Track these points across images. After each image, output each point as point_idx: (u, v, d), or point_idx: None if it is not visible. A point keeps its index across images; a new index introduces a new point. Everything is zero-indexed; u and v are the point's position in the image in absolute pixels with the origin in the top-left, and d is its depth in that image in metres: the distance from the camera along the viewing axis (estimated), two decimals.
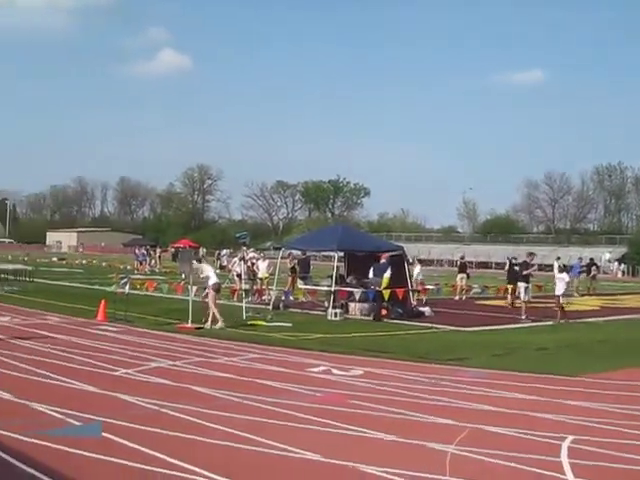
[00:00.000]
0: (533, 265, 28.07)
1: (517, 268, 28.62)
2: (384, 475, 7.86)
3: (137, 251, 60.57)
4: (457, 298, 36.73)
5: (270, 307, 26.78)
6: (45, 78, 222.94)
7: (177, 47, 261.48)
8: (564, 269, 27.14)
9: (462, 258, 42.11)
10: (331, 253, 29.32)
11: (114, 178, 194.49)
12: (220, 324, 21.40)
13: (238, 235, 30.88)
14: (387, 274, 25.72)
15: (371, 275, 25.93)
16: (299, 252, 33.66)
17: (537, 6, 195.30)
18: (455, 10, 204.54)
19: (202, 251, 26.07)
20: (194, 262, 22.74)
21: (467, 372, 14.78)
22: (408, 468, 8.07)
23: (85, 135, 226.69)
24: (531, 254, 28.30)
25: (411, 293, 27.22)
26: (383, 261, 26.61)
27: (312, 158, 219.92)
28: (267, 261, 33.24)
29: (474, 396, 12.44)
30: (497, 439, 9.61)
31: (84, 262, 59.92)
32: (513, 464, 8.41)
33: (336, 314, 24.97)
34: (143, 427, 9.56)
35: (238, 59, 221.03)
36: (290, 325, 22.41)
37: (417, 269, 33.23)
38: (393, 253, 28.20)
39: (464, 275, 38.96)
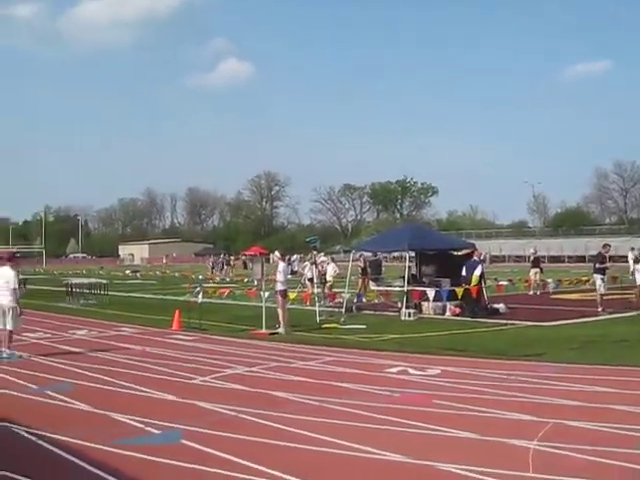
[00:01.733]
0: (608, 257, 27.50)
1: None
2: (468, 474, 7.74)
3: (211, 260, 61.32)
4: (531, 293, 36.28)
5: (343, 310, 26.66)
6: (111, 92, 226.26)
7: (239, 55, 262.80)
8: None
9: (535, 253, 41.60)
10: (402, 253, 29.18)
11: (182, 189, 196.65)
12: (281, 329, 21.41)
13: (308, 240, 30.96)
14: (477, 272, 25.34)
15: (464, 273, 25.58)
16: (370, 254, 33.59)
17: None
18: (516, 4, 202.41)
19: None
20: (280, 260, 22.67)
21: (545, 367, 14.53)
22: (491, 466, 7.93)
23: (152, 147, 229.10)
24: (606, 245, 27.76)
25: (484, 290, 26.87)
26: (475, 259, 26.31)
27: (379, 159, 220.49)
28: (332, 264, 33.04)
29: (554, 391, 12.22)
30: (580, 433, 9.40)
31: (158, 273, 60.23)
32: (597, 458, 8.22)
33: (410, 314, 24.81)
34: (222, 433, 9.57)
35: (300, 63, 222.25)
36: (364, 327, 22.32)
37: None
38: (466, 250, 27.99)
39: (537, 270, 38.49)
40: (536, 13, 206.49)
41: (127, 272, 74.61)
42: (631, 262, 49.42)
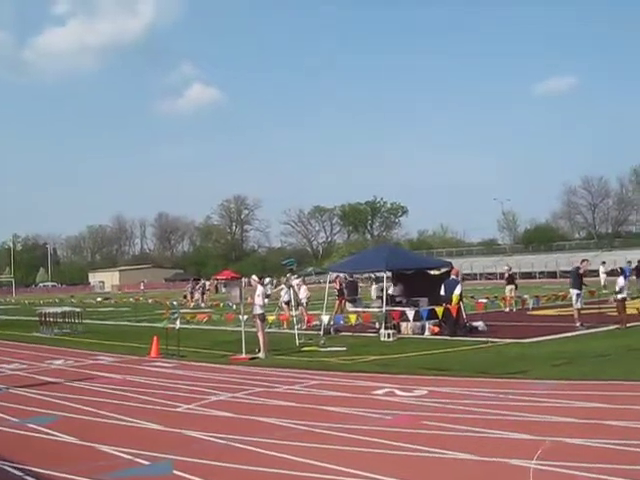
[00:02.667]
0: (585, 272, 27.51)
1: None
2: None
3: (189, 285, 61.34)
4: (507, 310, 36.29)
5: (321, 332, 26.49)
6: (79, 118, 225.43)
7: (205, 81, 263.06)
8: (621, 272, 26.49)
9: (509, 269, 41.78)
10: (379, 274, 29.09)
11: (152, 214, 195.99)
12: (261, 354, 21.21)
13: (285, 262, 30.82)
14: (457, 291, 25.27)
15: (442, 292, 25.47)
16: (345, 275, 33.44)
17: (566, 9, 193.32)
18: (483, 16, 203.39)
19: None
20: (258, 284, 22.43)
21: (531, 384, 14.44)
22: None
23: (120, 174, 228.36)
24: (584, 260, 27.78)
25: (463, 309, 26.80)
26: (453, 277, 26.21)
27: (348, 180, 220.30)
28: (303, 287, 32.76)
29: (544, 408, 12.12)
30: (577, 451, 9.29)
31: (131, 299, 59.84)
32: (601, 476, 8.11)
33: (389, 335, 24.68)
34: (213, 462, 9.37)
35: (266, 86, 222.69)
36: (344, 349, 22.15)
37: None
38: (444, 269, 27.95)
39: (512, 286, 38.60)
40: (504, 29, 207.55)
41: (98, 299, 74.13)
42: (602, 276, 49.81)
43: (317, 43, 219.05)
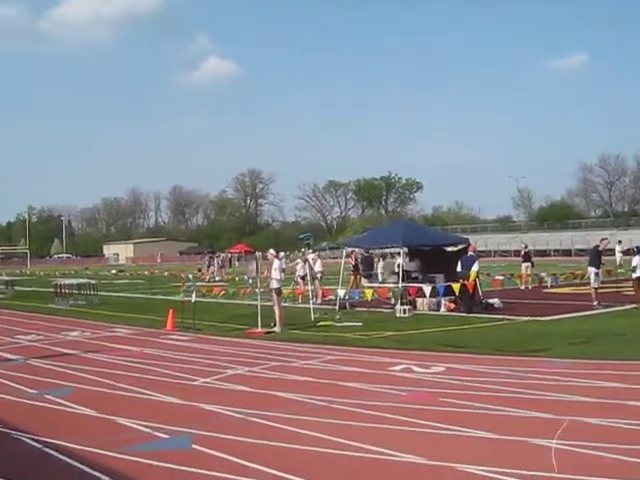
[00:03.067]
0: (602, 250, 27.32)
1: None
2: (492, 475, 7.54)
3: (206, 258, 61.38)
4: (523, 287, 36.18)
5: (337, 307, 26.46)
6: (94, 90, 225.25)
7: (221, 54, 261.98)
8: (637, 251, 26.27)
9: (526, 247, 41.61)
10: (391, 250, 29.05)
11: (166, 187, 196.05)
12: (277, 328, 21.24)
13: (302, 236, 30.65)
14: (475, 267, 25.19)
15: (459, 268, 25.36)
16: (361, 251, 33.36)
17: None
18: None
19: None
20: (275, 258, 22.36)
21: (549, 363, 14.35)
22: (514, 466, 7.74)
23: (135, 146, 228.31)
24: (604, 239, 27.57)
25: (479, 286, 26.73)
26: (471, 253, 26.11)
27: (363, 155, 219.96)
28: (319, 261, 32.70)
29: (563, 387, 12.05)
30: (597, 430, 9.23)
31: (146, 272, 59.89)
32: (623, 457, 8.03)
33: (405, 311, 24.63)
34: (232, 437, 9.35)
35: (283, 60, 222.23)
36: (360, 324, 22.11)
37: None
38: (461, 245, 27.85)
39: (529, 264, 38.47)
40: (520, 6, 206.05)
41: (113, 272, 74.29)
42: (619, 255, 49.62)
43: (332, 18, 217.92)
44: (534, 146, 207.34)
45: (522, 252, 41.10)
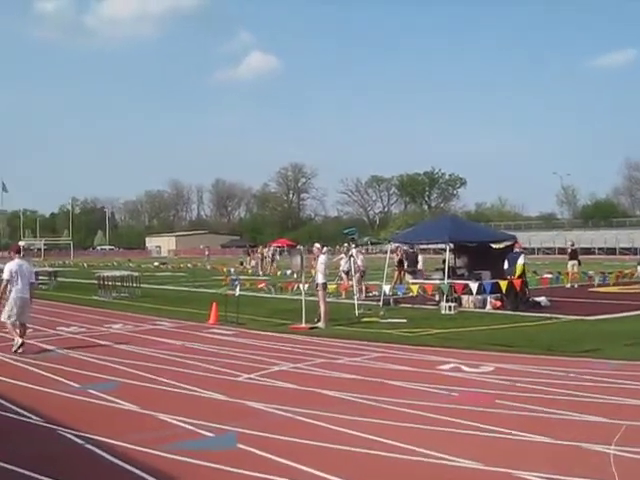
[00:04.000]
0: None
1: None
2: None
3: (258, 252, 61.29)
4: (569, 286, 35.61)
5: (381, 303, 26.16)
6: (139, 85, 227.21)
7: (263, 48, 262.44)
8: None
9: (572, 245, 41.03)
10: (441, 245, 28.69)
11: (209, 180, 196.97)
12: (321, 323, 20.96)
13: (347, 231, 30.37)
14: (520, 261, 24.84)
15: (506, 266, 25.02)
16: (407, 246, 33.00)
17: None
18: None
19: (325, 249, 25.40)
20: (320, 258, 22.11)
21: (602, 364, 13.93)
22: (574, 474, 7.41)
23: (178, 140, 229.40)
24: None
25: (526, 283, 26.28)
26: (517, 250, 25.82)
27: (406, 150, 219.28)
28: (360, 256, 32.42)
29: (617, 389, 11.66)
30: None
31: (189, 265, 59.84)
32: None
33: (450, 308, 24.25)
34: (278, 436, 9.08)
35: (325, 54, 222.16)
36: (405, 321, 21.78)
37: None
38: (507, 242, 27.45)
39: (575, 262, 37.88)
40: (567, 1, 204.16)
41: (156, 264, 74.45)
42: None
43: (375, 12, 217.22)
44: (580, 143, 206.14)
45: (569, 250, 40.41)
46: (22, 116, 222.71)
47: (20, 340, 16.57)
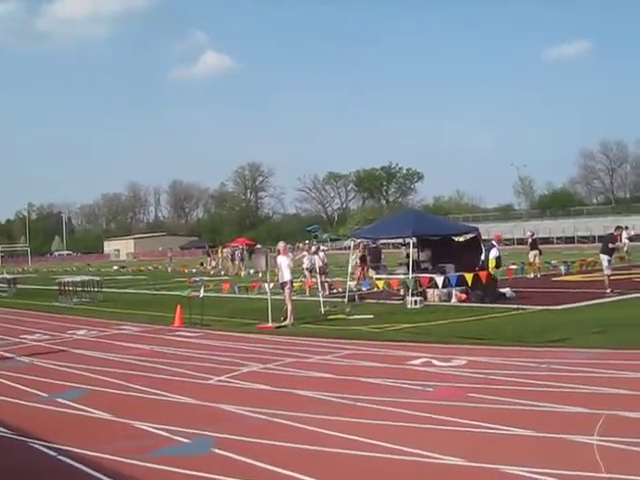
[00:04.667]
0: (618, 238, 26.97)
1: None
2: (539, 477, 7.11)
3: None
4: (532, 276, 35.70)
5: (346, 300, 26.06)
6: (92, 87, 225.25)
7: (217, 48, 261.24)
8: None
9: (532, 235, 41.18)
10: (401, 240, 28.67)
11: (166, 182, 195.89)
12: (288, 322, 20.82)
13: (310, 228, 30.29)
14: (493, 254, 24.87)
15: (483, 257, 25.07)
16: (368, 241, 32.93)
17: None
18: None
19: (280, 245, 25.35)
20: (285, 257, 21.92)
21: (574, 354, 13.94)
22: (560, 467, 7.32)
23: (134, 142, 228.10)
24: (619, 227, 27.19)
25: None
26: (493, 242, 25.84)
27: (362, 146, 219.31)
28: (321, 254, 32.39)
29: (592, 379, 11.61)
30: (638, 425, 8.81)
31: (150, 268, 59.33)
32: None
33: (416, 302, 24.19)
34: (255, 439, 8.91)
35: (279, 52, 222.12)
36: (371, 317, 21.69)
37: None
38: (470, 235, 27.47)
39: (536, 252, 38.03)
40: None
41: (115, 268, 73.85)
42: (625, 242, 49.31)
43: (327, 8, 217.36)
44: (535, 134, 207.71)
45: (529, 240, 40.54)
46: None
47: None
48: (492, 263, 24.64)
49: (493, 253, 24.92)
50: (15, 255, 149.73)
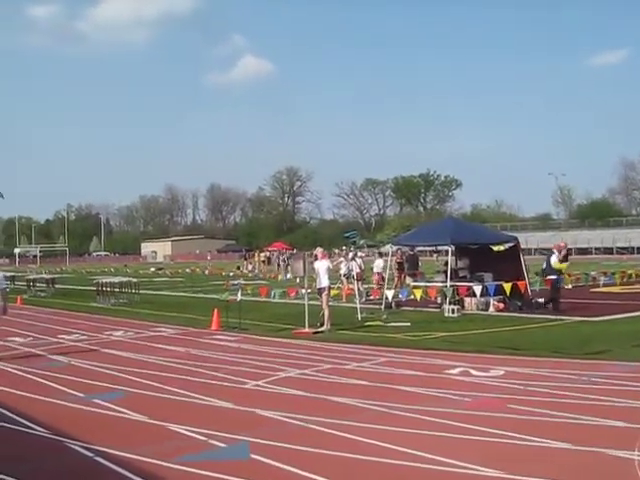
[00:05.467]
0: None
1: None
2: None
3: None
4: (570, 287, 35.36)
5: (382, 307, 25.95)
6: (132, 90, 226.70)
7: (257, 53, 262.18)
8: None
9: (566, 246, 40.81)
10: (443, 247, 28.51)
11: (204, 185, 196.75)
12: (325, 328, 20.76)
13: (348, 234, 30.12)
14: (552, 259, 24.71)
15: (544, 266, 24.98)
16: (407, 248, 32.81)
17: None
18: None
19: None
20: (323, 262, 21.86)
21: (614, 366, 13.77)
22: None
23: (173, 145, 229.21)
24: None
25: (528, 285, 26.14)
26: (553, 249, 25.75)
27: (401, 153, 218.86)
28: (359, 260, 32.39)
29: (632, 392, 11.45)
30: None
31: (187, 270, 59.47)
32: None
33: (453, 310, 24.05)
34: (291, 445, 8.87)
35: (319, 58, 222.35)
36: (408, 324, 21.60)
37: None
38: (509, 244, 27.27)
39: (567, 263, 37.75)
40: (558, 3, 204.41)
41: (152, 270, 74.19)
42: None
43: (369, 16, 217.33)
44: (575, 143, 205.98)
45: (563, 252, 40.07)
46: (17, 123, 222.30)
47: None
48: (563, 265, 24.64)
49: (552, 258, 24.70)
50: (53, 255, 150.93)
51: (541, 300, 25.37)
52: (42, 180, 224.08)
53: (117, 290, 34.23)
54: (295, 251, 60.28)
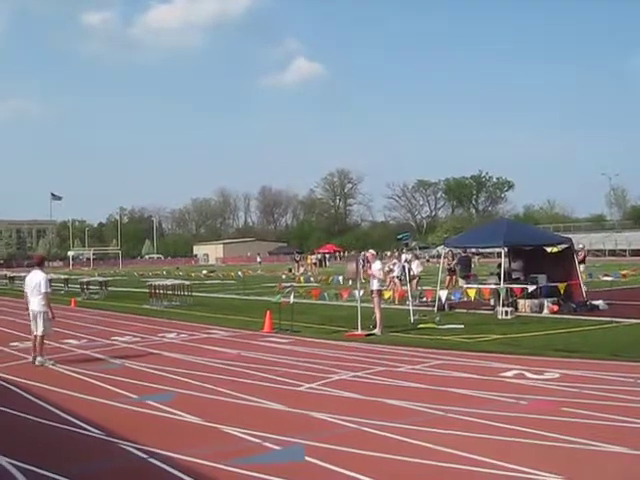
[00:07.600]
0: None
1: None
2: None
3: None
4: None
5: (435, 309, 25.79)
6: (184, 94, 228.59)
7: (308, 55, 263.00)
8: None
9: (583, 248, 40.20)
10: (495, 249, 28.28)
11: (255, 188, 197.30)
12: (377, 330, 20.64)
13: (400, 236, 29.97)
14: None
15: None
16: (455, 250, 32.63)
17: None
18: None
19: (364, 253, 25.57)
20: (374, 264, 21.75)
21: None
22: None
23: (224, 148, 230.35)
24: None
25: (583, 287, 25.85)
26: None
27: (453, 154, 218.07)
28: (416, 261, 32.28)
29: None
30: None
31: (240, 274, 59.45)
32: None
33: (507, 312, 23.82)
34: (346, 448, 8.82)
35: (370, 60, 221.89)
36: (462, 326, 21.44)
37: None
38: (563, 246, 26.96)
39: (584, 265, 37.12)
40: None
41: (204, 272, 74.53)
42: None
43: (419, 19, 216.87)
44: (628, 143, 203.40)
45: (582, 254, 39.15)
46: (71, 127, 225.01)
47: (33, 354, 16.71)
48: None
49: None
50: (106, 258, 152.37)
51: (596, 302, 25.10)
52: (96, 184, 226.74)
53: (170, 292, 34.39)
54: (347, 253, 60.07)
